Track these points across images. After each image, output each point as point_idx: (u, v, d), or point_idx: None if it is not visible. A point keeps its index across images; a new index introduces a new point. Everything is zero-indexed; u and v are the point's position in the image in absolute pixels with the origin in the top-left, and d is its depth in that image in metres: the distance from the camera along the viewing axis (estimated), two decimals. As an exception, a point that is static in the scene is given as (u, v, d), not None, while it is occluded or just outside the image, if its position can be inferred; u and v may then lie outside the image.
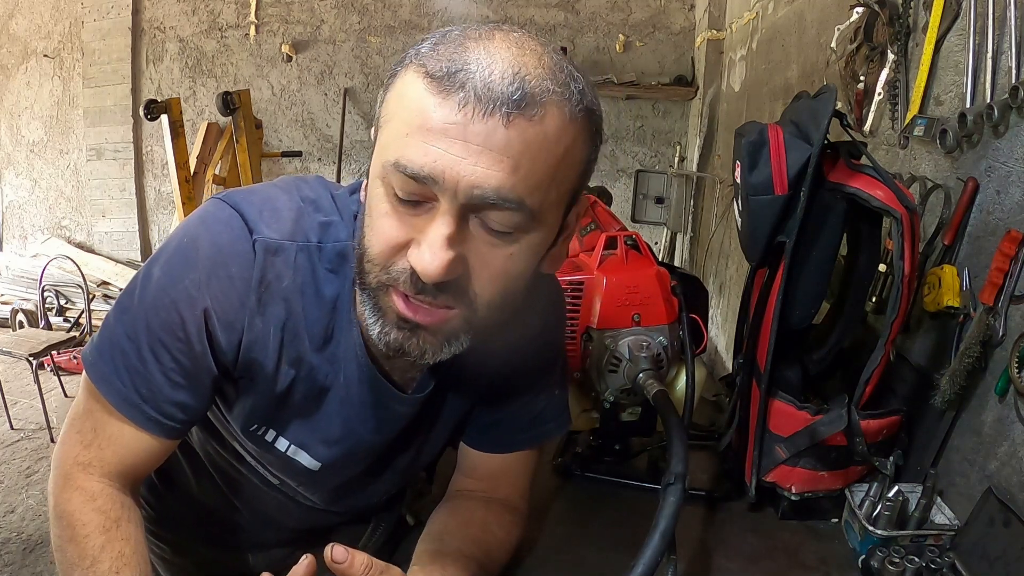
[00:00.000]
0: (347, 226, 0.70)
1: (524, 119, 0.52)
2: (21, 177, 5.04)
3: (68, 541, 0.68)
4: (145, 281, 0.66)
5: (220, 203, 0.67)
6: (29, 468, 2.98)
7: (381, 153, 0.57)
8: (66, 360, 3.86)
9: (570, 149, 0.56)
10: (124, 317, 0.67)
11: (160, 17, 4.63)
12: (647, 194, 3.80)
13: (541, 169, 0.55)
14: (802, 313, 0.94)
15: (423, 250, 0.55)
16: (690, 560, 0.90)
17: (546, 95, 0.53)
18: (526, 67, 0.53)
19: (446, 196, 0.54)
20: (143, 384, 0.66)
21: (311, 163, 4.70)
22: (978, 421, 0.89)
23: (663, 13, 4.31)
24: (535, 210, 0.56)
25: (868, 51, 1.31)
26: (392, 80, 0.58)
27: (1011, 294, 0.84)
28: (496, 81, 0.52)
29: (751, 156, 0.89)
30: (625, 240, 1.11)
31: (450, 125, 0.52)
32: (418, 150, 0.53)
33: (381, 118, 0.59)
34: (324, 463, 0.78)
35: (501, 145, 0.52)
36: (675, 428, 0.77)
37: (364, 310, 0.62)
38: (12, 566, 2.34)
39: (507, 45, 0.54)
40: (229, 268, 0.64)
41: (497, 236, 0.57)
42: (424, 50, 0.56)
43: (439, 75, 0.53)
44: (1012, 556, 0.75)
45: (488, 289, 0.59)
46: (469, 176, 0.52)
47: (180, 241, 0.66)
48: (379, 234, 0.58)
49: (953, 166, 1.02)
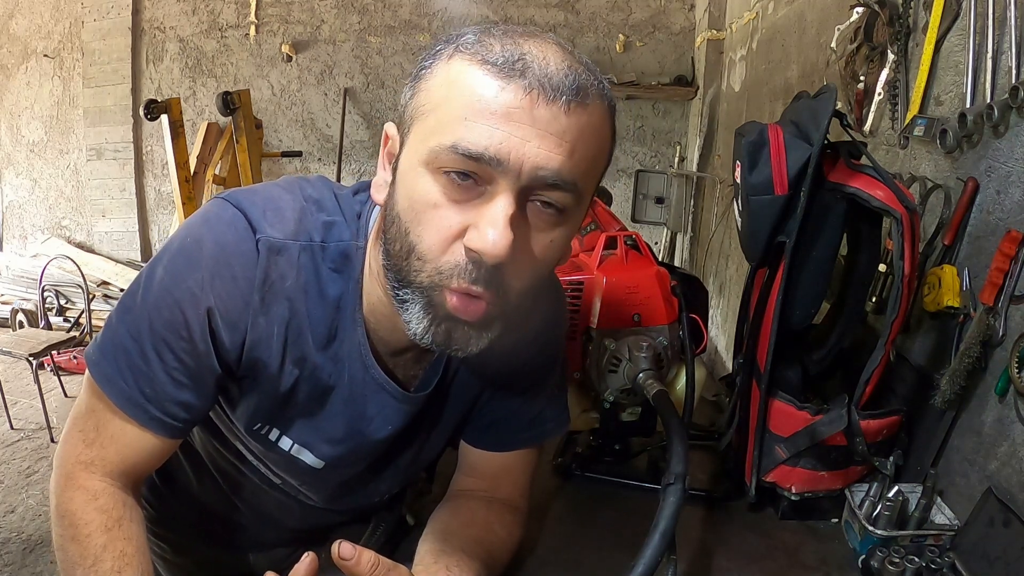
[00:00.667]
0: (350, 226, 0.70)
1: (580, 107, 0.56)
2: (21, 177, 5.04)
3: (70, 540, 0.68)
4: (148, 281, 0.66)
5: (223, 203, 0.67)
6: (29, 468, 2.98)
7: (425, 140, 0.57)
8: (66, 360, 3.86)
9: (606, 139, 0.61)
10: (127, 317, 0.67)
11: (160, 17, 4.63)
12: (647, 194, 3.80)
13: (590, 155, 0.59)
14: (802, 313, 0.94)
15: (484, 230, 0.55)
16: (690, 560, 0.90)
17: (592, 89, 0.57)
18: (573, 62, 0.57)
19: (508, 177, 0.55)
20: (147, 383, 0.66)
21: (311, 163, 4.70)
22: (978, 421, 0.89)
23: (663, 13, 4.31)
24: (583, 193, 0.60)
25: (868, 51, 1.31)
26: (427, 72, 0.59)
27: (1011, 294, 0.84)
28: (554, 72, 0.55)
29: (751, 156, 0.89)
30: (625, 240, 1.11)
31: (515, 109, 0.54)
32: (482, 132, 0.54)
33: (418, 109, 0.59)
34: (327, 462, 0.78)
35: (562, 130, 0.55)
36: (675, 428, 0.77)
37: (409, 307, 0.61)
38: (12, 566, 2.33)
39: (549, 41, 0.58)
40: (233, 268, 0.64)
41: (548, 219, 0.59)
42: (469, 41, 0.57)
43: (500, 62, 0.55)
44: (1012, 556, 0.75)
45: (527, 276, 0.61)
46: (534, 158, 0.55)
47: (184, 241, 0.66)
48: (431, 226, 0.58)
49: (953, 166, 1.02)
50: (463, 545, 0.76)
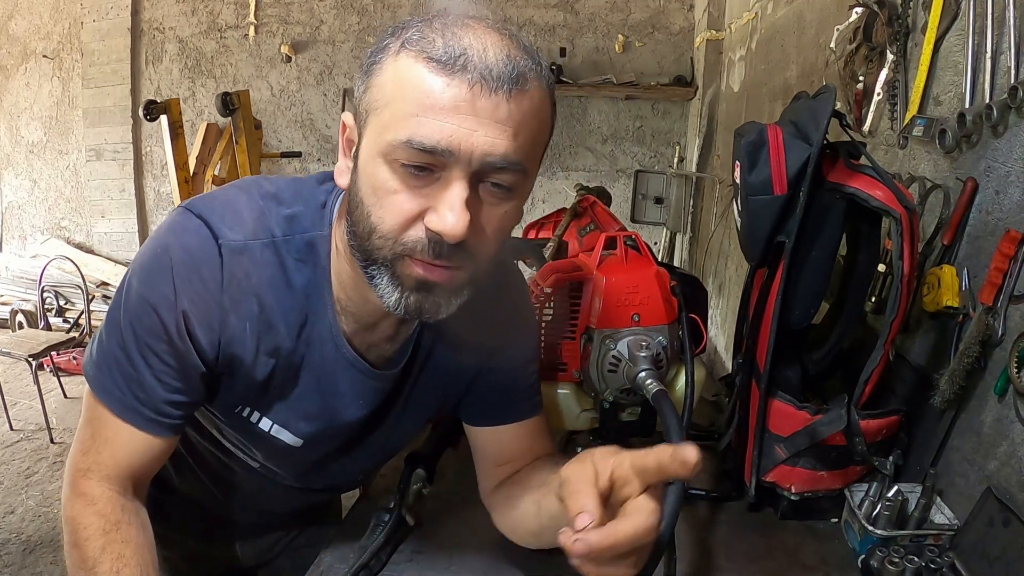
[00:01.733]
0: (313, 215, 0.74)
1: (520, 93, 0.60)
2: (20, 178, 5.03)
3: (72, 546, 0.71)
4: (127, 293, 0.71)
5: (185, 212, 0.71)
6: (29, 469, 2.98)
7: (382, 134, 0.61)
8: (65, 361, 3.86)
9: (546, 116, 0.65)
10: (113, 329, 0.71)
11: (159, 18, 4.62)
12: (646, 194, 3.80)
13: (532, 134, 0.63)
14: (802, 313, 0.94)
15: (443, 214, 0.60)
16: (690, 560, 0.90)
17: (530, 72, 0.61)
18: (511, 49, 0.61)
19: (460, 165, 0.60)
20: (139, 388, 0.71)
21: (311, 163, 4.70)
22: (978, 421, 0.89)
23: (662, 13, 4.31)
24: (529, 170, 0.64)
25: (867, 51, 1.31)
26: (376, 67, 0.63)
27: (1010, 294, 0.84)
28: (493, 62, 0.59)
29: (751, 156, 0.89)
30: (625, 240, 1.11)
31: (460, 103, 0.58)
32: (432, 127, 0.58)
33: (372, 102, 0.63)
34: (305, 439, 0.82)
35: (504, 117, 0.59)
36: (675, 428, 0.77)
37: (378, 282, 0.66)
38: (12, 567, 2.33)
39: (487, 31, 0.61)
40: (200, 272, 0.69)
41: (499, 196, 0.63)
42: (413, 37, 0.60)
43: (443, 59, 0.58)
44: (1012, 556, 0.75)
45: (489, 245, 0.65)
46: (482, 146, 0.59)
47: (154, 251, 0.70)
48: (391, 210, 0.62)
49: (952, 166, 1.02)
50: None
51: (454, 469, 1.10)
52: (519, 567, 0.87)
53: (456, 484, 1.07)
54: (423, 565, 0.88)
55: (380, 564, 0.87)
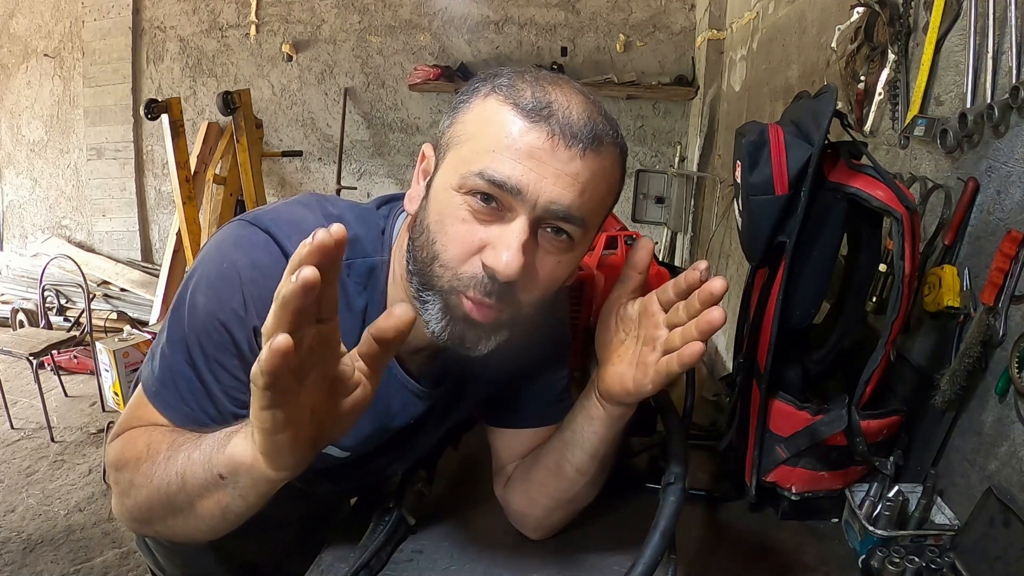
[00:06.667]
0: (374, 240, 0.75)
1: (594, 154, 0.64)
2: (21, 176, 5.03)
3: (136, 468, 0.67)
4: (192, 309, 0.70)
5: (250, 226, 0.71)
6: (29, 468, 2.98)
7: (458, 167, 0.65)
8: (66, 359, 3.86)
9: (615, 181, 0.69)
10: (179, 345, 0.71)
11: (160, 17, 4.62)
12: (647, 194, 3.80)
13: (599, 195, 0.66)
14: (802, 313, 0.94)
15: (500, 252, 0.63)
16: (690, 560, 0.90)
17: (607, 137, 0.65)
18: (593, 112, 0.65)
19: (525, 206, 0.63)
20: (209, 405, 0.71)
21: (311, 163, 4.70)
22: (978, 421, 0.89)
23: (663, 13, 4.31)
24: (590, 227, 0.68)
25: (868, 51, 1.31)
26: (464, 105, 0.67)
27: (1011, 294, 0.84)
28: (575, 120, 0.63)
29: (751, 156, 0.89)
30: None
31: (537, 149, 0.62)
32: (506, 164, 0.62)
33: (454, 137, 0.67)
34: (352, 452, 0.84)
35: (575, 172, 0.63)
36: (675, 428, 0.78)
37: (429, 307, 0.68)
38: (12, 566, 2.33)
39: (574, 91, 0.66)
40: (271, 288, 0.68)
41: (556, 246, 0.67)
42: (504, 83, 0.65)
43: (528, 107, 0.63)
44: (1012, 556, 0.75)
45: (535, 292, 0.68)
46: (549, 193, 0.63)
47: (220, 266, 0.70)
48: (455, 238, 0.65)
49: (953, 166, 1.02)
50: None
51: (454, 469, 1.10)
52: (519, 567, 0.87)
53: (456, 484, 1.07)
54: (423, 565, 0.88)
55: (380, 564, 0.87)
